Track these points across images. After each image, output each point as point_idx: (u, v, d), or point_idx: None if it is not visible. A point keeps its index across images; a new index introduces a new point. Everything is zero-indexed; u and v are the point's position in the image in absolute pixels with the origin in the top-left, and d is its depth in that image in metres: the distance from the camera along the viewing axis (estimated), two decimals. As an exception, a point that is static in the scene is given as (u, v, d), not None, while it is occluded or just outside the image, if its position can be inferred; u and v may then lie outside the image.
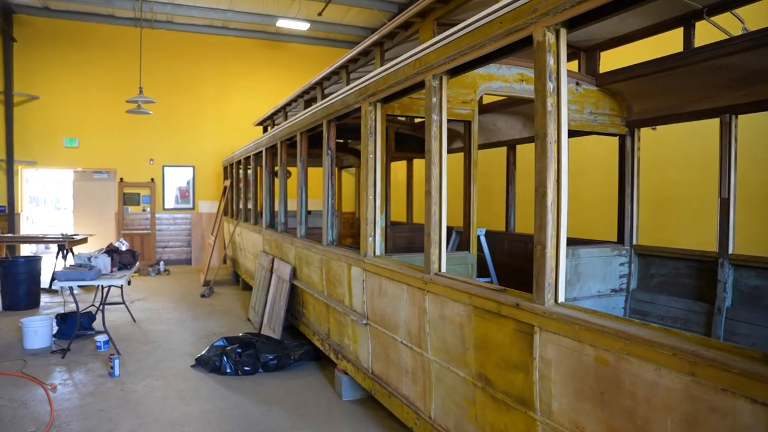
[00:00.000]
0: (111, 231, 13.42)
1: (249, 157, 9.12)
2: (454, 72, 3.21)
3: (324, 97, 7.01)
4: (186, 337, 6.67)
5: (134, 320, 7.47)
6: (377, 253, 4.11)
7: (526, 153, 8.23)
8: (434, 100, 3.23)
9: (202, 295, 9.39)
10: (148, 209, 13.57)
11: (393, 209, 10.64)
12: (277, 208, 6.98)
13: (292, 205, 7.32)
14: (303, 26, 13.14)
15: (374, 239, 4.12)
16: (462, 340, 2.91)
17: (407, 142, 8.69)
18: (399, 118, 8.56)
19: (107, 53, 13.20)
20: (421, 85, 3.47)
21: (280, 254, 6.71)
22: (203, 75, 14.08)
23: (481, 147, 8.49)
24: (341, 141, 8.55)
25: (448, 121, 3.30)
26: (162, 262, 12.43)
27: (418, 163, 9.23)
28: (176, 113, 13.79)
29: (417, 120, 7.18)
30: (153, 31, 13.45)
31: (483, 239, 6.34)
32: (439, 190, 3.22)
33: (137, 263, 6.76)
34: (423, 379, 3.38)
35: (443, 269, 3.21)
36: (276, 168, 8.26)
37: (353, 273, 4.37)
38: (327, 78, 6.76)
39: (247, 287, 9.88)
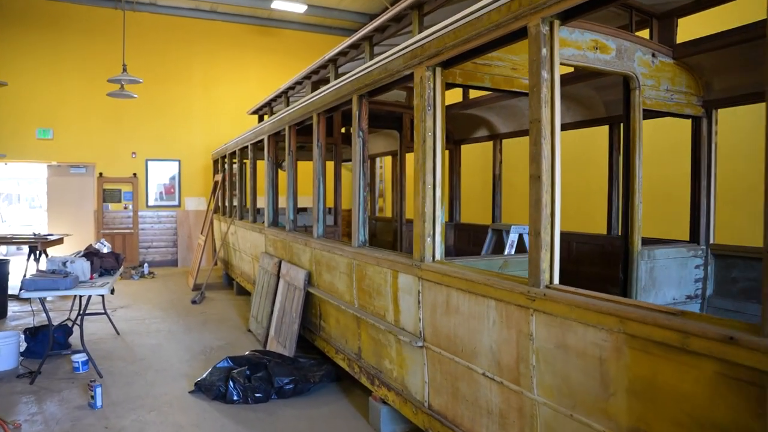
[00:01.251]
0: (89, 231, 12.33)
1: (246, 147, 8.19)
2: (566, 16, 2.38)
3: (339, 76, 6.12)
4: (180, 353, 5.73)
5: (118, 333, 6.49)
6: (437, 257, 3.25)
7: (511, 147, 7.46)
8: (544, 52, 2.38)
9: (193, 301, 8.43)
10: (130, 207, 12.51)
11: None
12: (283, 204, 6.06)
13: (284, 202, 6.47)
14: (299, 8, 12.22)
15: (433, 240, 3.25)
16: (602, 380, 2.07)
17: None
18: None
19: (85, 37, 12.09)
20: (514, 37, 2.62)
21: (289, 257, 5.81)
22: (190, 63, 13.06)
23: (468, 141, 7.71)
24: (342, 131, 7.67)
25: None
26: (146, 264, 11.39)
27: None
28: (161, 103, 12.75)
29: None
30: (135, 14, 12.39)
31: (525, 238, 5.54)
32: (552, 174, 2.37)
33: (121, 267, 5.79)
34: (520, 426, 2.53)
35: (556, 280, 2.36)
36: (280, 159, 7.35)
37: (402, 282, 3.50)
38: (344, 53, 5.86)
39: (243, 292, 8.94)
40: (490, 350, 2.68)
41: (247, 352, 5.12)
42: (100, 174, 12.22)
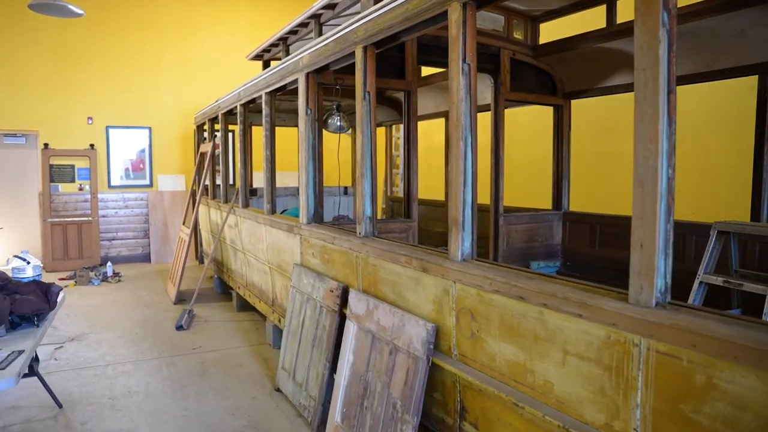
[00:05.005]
0: (32, 220, 9.50)
1: (254, 101, 5.54)
2: None
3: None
4: (170, 456, 3.20)
5: (59, 405, 3.88)
6: None
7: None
8: None
9: (179, 327, 5.83)
10: (88, 188, 9.69)
11: (428, 183, 7.29)
12: (363, 188, 3.36)
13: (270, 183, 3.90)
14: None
15: None
16: None
17: (527, 76, 5.35)
18: (516, 37, 5.19)
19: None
20: None
21: (370, 285, 3.25)
22: (161, 4, 10.14)
23: (589, 94, 5.26)
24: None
25: None
26: (109, 264, 8.66)
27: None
28: (125, 55, 9.86)
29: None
30: (86, -67, 9.39)
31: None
32: None
33: (56, 310, 3.17)
34: None
35: None
36: (327, 111, 4.75)
37: None
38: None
39: (246, 306, 6.38)
40: None
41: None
42: (46, 145, 9.34)
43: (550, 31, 5.12)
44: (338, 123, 4.85)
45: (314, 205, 4.09)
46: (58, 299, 3.20)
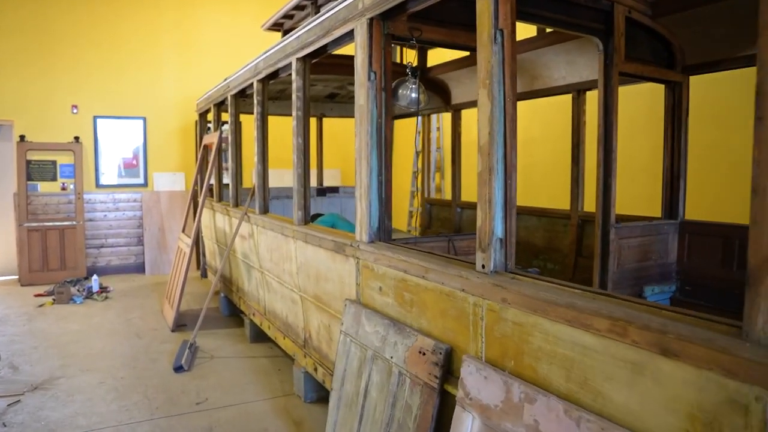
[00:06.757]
0: (6, 225, 8.17)
1: (274, 74, 4.23)
2: None
3: None
4: None
5: None
6: None
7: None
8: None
9: (179, 367, 4.50)
10: (72, 187, 8.36)
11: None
12: (491, 192, 1.98)
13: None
14: None
15: None
16: None
17: (641, 43, 4.07)
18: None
19: None
20: None
21: (513, 358, 1.87)
22: (157, -26, 8.83)
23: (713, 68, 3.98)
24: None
25: None
26: (95, 278, 7.32)
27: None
28: (116, 34, 8.53)
29: None
30: None
31: None
32: None
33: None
34: None
35: None
36: (395, 83, 3.48)
37: None
38: None
39: (261, 335, 5.06)
40: None
41: None
42: (22, 137, 8.00)
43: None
44: (413, 95, 3.47)
45: (380, 214, 2.77)
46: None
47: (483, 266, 1.99)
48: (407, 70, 3.36)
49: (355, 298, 2.90)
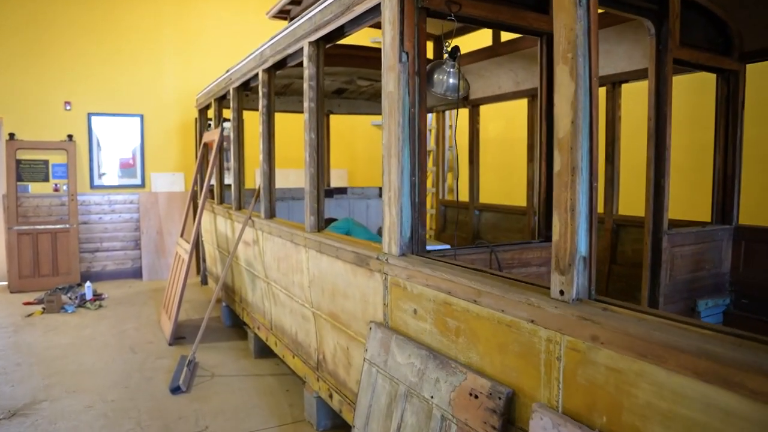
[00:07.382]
0: (-5, 227, 7.74)
1: (281, 62, 3.79)
2: None
3: None
4: None
5: None
6: None
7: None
8: None
9: (176, 388, 4.06)
10: (65, 188, 7.92)
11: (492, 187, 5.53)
12: (574, 199, 1.74)
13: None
14: None
15: None
16: None
17: (695, 26, 3.65)
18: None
19: None
20: None
21: (604, 413, 1.45)
22: (155, -36, 8.39)
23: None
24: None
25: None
26: (89, 285, 6.88)
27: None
28: (112, 30, 8.10)
29: None
30: None
31: None
32: None
33: None
34: None
35: None
36: (429, 66, 3.02)
37: None
38: None
39: (266, 350, 4.61)
40: None
41: None
42: (11, 135, 7.57)
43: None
44: (452, 80, 2.99)
45: (413, 222, 2.33)
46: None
47: (562, 292, 1.55)
48: (445, 52, 2.90)
49: (382, 320, 2.45)
